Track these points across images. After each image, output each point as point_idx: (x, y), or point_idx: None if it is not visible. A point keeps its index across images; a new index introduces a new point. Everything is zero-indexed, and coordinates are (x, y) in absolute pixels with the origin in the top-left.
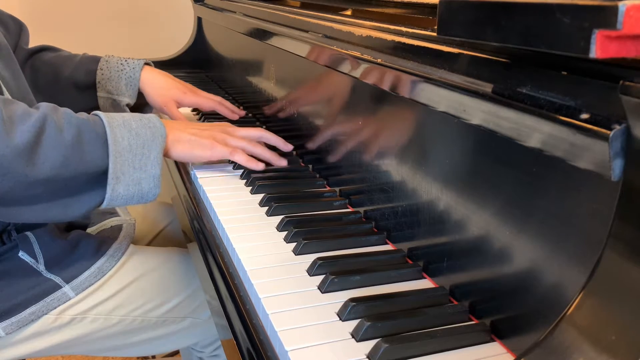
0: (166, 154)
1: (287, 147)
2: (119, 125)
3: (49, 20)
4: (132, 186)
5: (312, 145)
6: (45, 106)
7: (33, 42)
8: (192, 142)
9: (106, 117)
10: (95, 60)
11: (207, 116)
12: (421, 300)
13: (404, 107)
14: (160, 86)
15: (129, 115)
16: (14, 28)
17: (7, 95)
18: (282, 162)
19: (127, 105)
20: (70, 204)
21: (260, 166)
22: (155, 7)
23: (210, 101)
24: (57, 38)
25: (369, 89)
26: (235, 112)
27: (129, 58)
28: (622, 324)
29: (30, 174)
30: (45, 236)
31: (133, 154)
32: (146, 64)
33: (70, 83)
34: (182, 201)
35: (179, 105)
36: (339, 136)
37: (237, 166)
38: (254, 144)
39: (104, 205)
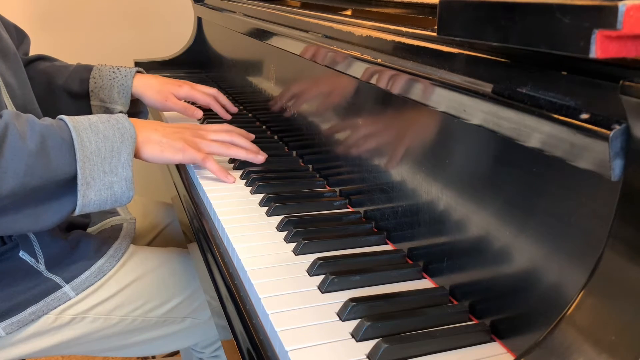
0: (136, 155)
1: (258, 158)
2: (85, 129)
3: (49, 21)
4: (104, 191)
5: (311, 145)
6: (7, 114)
7: (35, 41)
8: (163, 144)
9: (71, 121)
10: (88, 69)
11: (206, 116)
12: (421, 300)
13: (404, 107)
14: (156, 84)
15: (95, 117)
16: (18, 38)
17: (10, 104)
18: (260, 159)
19: (121, 112)
20: (40, 213)
21: (230, 179)
22: (155, 7)
23: (205, 96)
24: (57, 38)
25: (368, 89)
26: (229, 110)
27: (120, 66)
28: (622, 324)
29: None
30: (46, 236)
31: (102, 157)
32: (138, 71)
33: (64, 92)
34: (182, 201)
35: (177, 97)
36: (339, 136)
37: (236, 166)
38: (226, 146)
39: (76, 212)
